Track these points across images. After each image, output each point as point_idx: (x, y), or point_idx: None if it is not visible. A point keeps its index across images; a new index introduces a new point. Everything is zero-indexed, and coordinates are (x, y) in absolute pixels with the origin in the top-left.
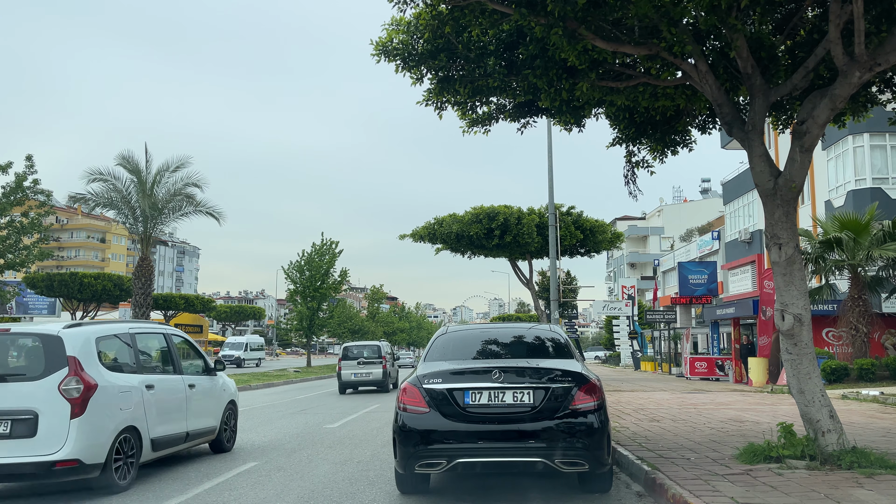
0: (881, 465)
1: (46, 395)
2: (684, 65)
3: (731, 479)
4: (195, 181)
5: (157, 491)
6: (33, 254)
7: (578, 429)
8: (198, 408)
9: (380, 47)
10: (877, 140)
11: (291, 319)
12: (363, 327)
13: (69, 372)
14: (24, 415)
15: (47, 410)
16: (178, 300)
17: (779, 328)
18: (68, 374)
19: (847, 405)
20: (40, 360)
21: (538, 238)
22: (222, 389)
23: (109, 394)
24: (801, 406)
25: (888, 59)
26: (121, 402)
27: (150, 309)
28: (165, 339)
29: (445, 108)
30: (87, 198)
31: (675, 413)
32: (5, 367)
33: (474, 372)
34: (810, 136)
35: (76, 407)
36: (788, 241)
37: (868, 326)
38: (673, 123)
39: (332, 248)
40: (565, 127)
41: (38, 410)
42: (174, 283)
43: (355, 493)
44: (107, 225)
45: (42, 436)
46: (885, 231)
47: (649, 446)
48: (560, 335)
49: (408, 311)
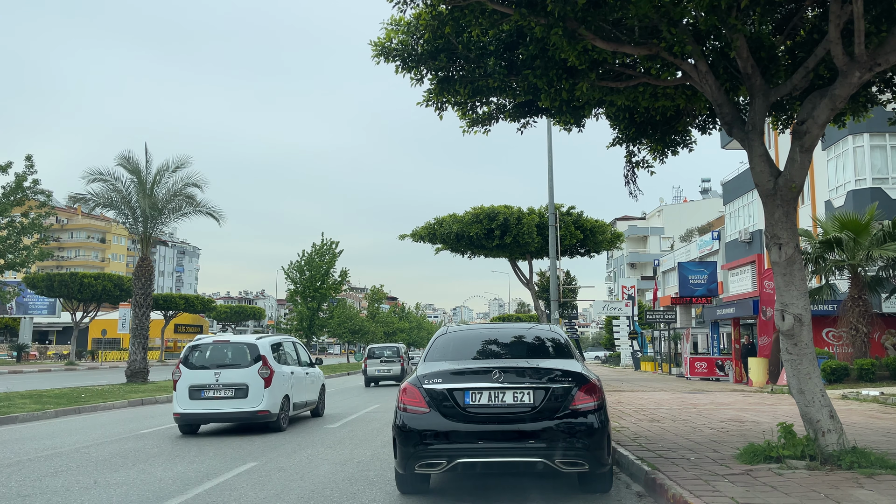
0: (881, 465)
1: (251, 376)
2: (684, 65)
3: (732, 480)
4: (195, 181)
5: (157, 491)
6: (33, 254)
7: (578, 429)
8: (310, 387)
9: (379, 47)
10: (877, 140)
11: (291, 320)
12: (363, 327)
13: (262, 363)
14: (241, 386)
15: (252, 384)
16: (179, 300)
17: (779, 328)
18: (262, 365)
19: (847, 405)
20: (247, 356)
21: (538, 238)
22: (319, 376)
23: (279, 376)
24: (801, 406)
25: (888, 59)
26: (284, 381)
27: (149, 309)
28: (294, 345)
29: (446, 109)
30: (88, 198)
31: (675, 413)
32: (230, 360)
33: (474, 372)
34: (810, 136)
35: (266, 382)
36: (788, 241)
37: (868, 326)
38: (673, 123)
39: (332, 248)
40: (565, 127)
41: (248, 384)
42: (174, 283)
43: (355, 494)
44: (107, 225)
45: (250, 397)
46: (885, 231)
47: (649, 446)
48: (560, 335)
49: (408, 312)
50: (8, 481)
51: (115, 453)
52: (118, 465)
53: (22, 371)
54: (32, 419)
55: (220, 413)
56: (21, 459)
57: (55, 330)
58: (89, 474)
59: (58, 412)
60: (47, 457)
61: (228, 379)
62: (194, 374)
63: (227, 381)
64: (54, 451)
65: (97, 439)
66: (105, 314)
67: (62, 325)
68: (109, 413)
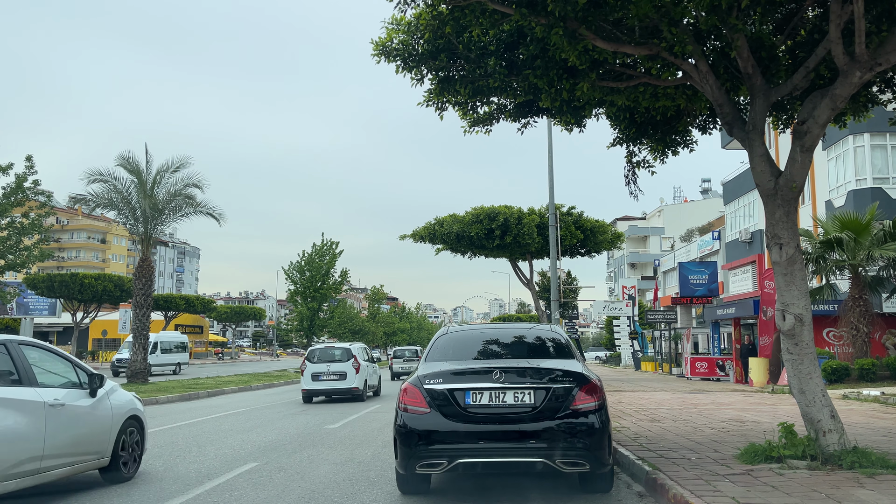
0: (882, 465)
1: (348, 367)
2: (685, 65)
3: (732, 480)
4: (195, 181)
5: (157, 491)
6: (34, 254)
7: (579, 429)
8: (373, 375)
9: (380, 47)
10: (877, 140)
11: (292, 320)
12: (364, 328)
13: (354, 359)
14: (342, 373)
15: (348, 372)
16: (179, 301)
17: (780, 328)
18: (354, 360)
19: (848, 405)
20: (346, 355)
21: (538, 238)
22: (377, 369)
23: (363, 367)
24: (802, 406)
25: (889, 59)
26: (364, 370)
27: (150, 310)
28: (365, 349)
29: (446, 109)
30: (88, 198)
31: (676, 413)
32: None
33: (475, 372)
34: (811, 136)
35: (356, 370)
36: (789, 241)
37: (869, 326)
38: (673, 123)
39: (332, 248)
40: (566, 127)
41: (346, 371)
42: (174, 283)
43: (356, 494)
44: (107, 226)
45: (347, 380)
46: (886, 231)
47: (650, 446)
48: (561, 335)
49: (408, 312)
50: None
51: None
52: None
53: None
54: None
55: (329, 389)
56: None
57: (56, 330)
58: (90, 474)
59: None
60: None
61: (335, 369)
62: (314, 366)
63: (334, 370)
64: None
65: None
66: (105, 315)
67: (63, 326)
68: None
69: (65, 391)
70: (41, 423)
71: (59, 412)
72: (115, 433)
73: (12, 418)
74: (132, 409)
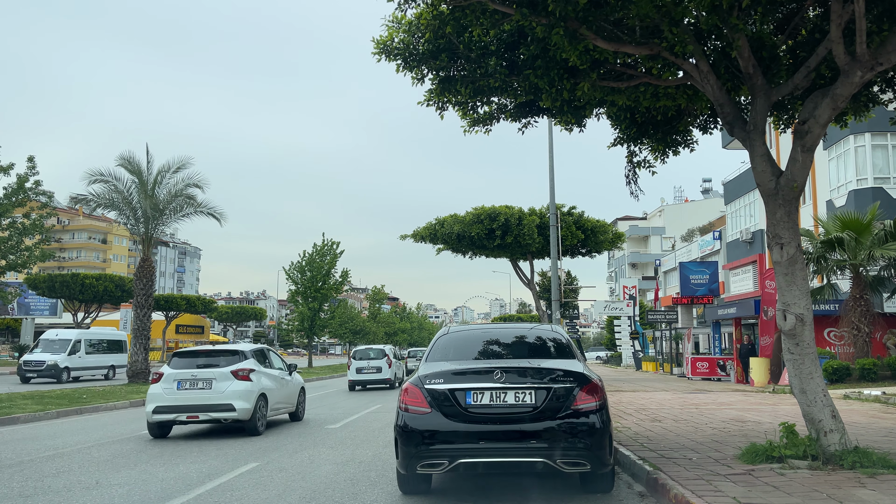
0: (883, 465)
1: (383, 362)
2: (686, 65)
3: (734, 479)
4: (196, 182)
5: (159, 491)
6: (35, 255)
7: (580, 429)
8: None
9: (380, 46)
10: (878, 140)
11: (293, 320)
12: (364, 328)
13: (387, 357)
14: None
15: (382, 367)
16: (180, 301)
17: (781, 328)
18: (386, 357)
19: (849, 405)
20: (382, 354)
21: (539, 238)
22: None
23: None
24: (803, 406)
25: (890, 59)
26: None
27: (151, 310)
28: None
29: (447, 109)
30: (89, 199)
31: (677, 413)
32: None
33: (476, 372)
34: (812, 136)
35: (388, 365)
36: (790, 241)
37: (870, 326)
38: (674, 123)
39: (333, 248)
40: (566, 127)
41: (382, 367)
42: (175, 283)
43: (357, 494)
44: (108, 226)
45: (382, 373)
46: (887, 231)
47: (651, 446)
48: (561, 335)
49: (409, 312)
50: (10, 482)
51: (116, 454)
52: (120, 466)
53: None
54: (34, 420)
55: (369, 380)
56: (23, 460)
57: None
58: (91, 475)
59: (59, 413)
60: (49, 457)
61: (373, 364)
62: (356, 363)
63: (372, 366)
64: (56, 452)
65: (99, 440)
66: (106, 315)
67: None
68: (111, 413)
69: (281, 371)
70: (278, 385)
71: (282, 381)
72: (297, 394)
73: (271, 382)
74: (301, 383)
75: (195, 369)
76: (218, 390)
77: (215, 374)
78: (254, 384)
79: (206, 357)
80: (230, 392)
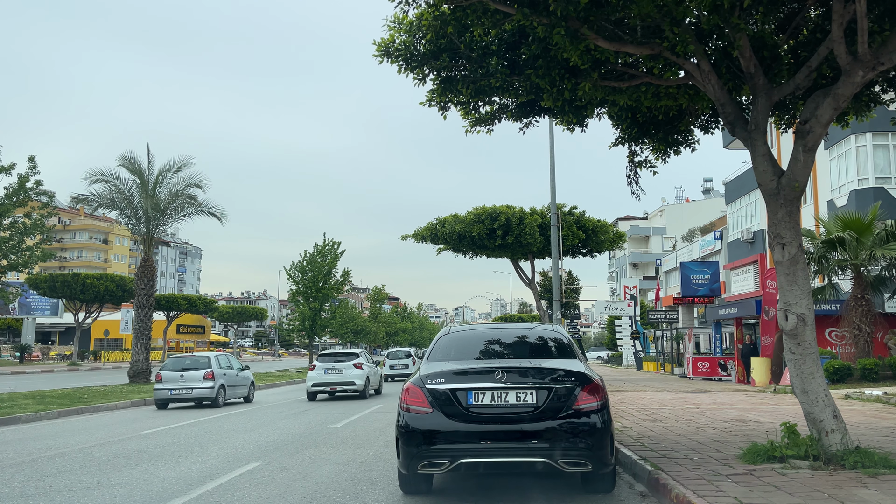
0: (885, 464)
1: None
2: (687, 64)
3: (735, 479)
4: (197, 182)
5: (160, 491)
6: (36, 255)
7: (581, 429)
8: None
9: (382, 48)
10: (879, 139)
11: (294, 320)
12: (365, 328)
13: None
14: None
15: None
16: (181, 301)
17: (782, 328)
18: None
19: (850, 405)
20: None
21: (540, 238)
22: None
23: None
24: (804, 406)
25: (891, 59)
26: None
27: (152, 310)
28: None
29: (448, 109)
30: (90, 198)
31: (678, 413)
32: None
33: (477, 372)
34: (813, 136)
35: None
36: (791, 241)
37: (871, 326)
38: (675, 123)
39: (333, 248)
40: (567, 127)
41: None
42: (176, 283)
43: (358, 494)
44: (109, 226)
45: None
46: (888, 230)
47: (652, 446)
48: (563, 335)
49: (410, 312)
50: (11, 482)
51: (118, 453)
52: (121, 466)
53: (25, 372)
54: (35, 420)
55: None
56: (24, 460)
57: (58, 331)
58: (92, 474)
59: (61, 412)
60: (50, 457)
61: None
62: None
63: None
64: (57, 452)
65: (100, 439)
66: (107, 315)
67: (65, 326)
68: (112, 413)
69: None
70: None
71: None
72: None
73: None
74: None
75: (334, 363)
76: (347, 375)
77: (344, 365)
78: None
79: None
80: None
